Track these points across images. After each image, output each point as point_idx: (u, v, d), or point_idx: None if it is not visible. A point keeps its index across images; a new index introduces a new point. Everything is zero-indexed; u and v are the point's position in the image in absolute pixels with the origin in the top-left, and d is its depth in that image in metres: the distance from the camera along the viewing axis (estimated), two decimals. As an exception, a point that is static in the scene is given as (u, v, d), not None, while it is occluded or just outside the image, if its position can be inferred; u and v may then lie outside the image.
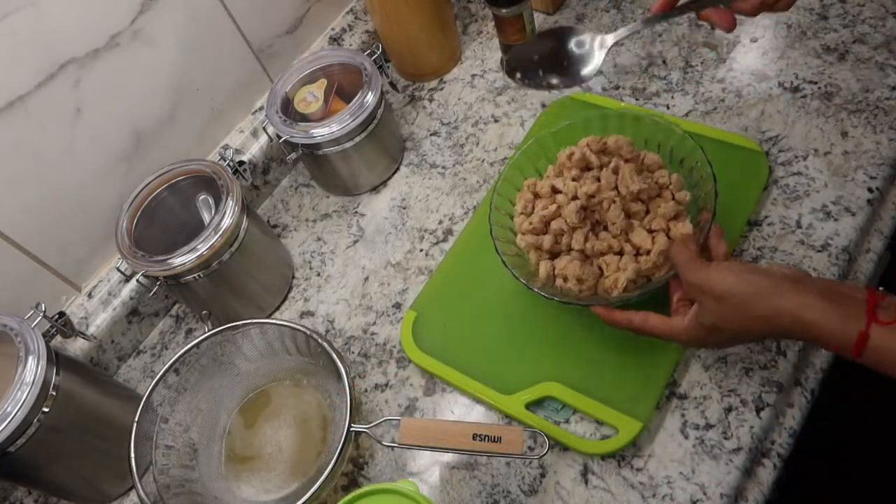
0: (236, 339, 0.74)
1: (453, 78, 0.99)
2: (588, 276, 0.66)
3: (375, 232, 0.88)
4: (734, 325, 0.56)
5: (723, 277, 0.55)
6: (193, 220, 0.80)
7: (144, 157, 0.83)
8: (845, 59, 0.83)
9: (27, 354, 0.64)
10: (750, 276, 0.55)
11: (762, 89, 0.84)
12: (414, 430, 0.63)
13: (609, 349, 0.70)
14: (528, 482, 0.66)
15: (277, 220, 0.93)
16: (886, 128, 0.77)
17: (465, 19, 1.05)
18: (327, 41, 1.00)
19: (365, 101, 0.82)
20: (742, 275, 0.55)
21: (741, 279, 0.55)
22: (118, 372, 0.86)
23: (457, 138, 0.93)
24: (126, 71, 0.77)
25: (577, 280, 0.66)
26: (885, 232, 0.73)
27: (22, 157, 0.72)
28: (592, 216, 0.68)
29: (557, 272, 0.68)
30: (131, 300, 0.84)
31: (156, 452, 0.68)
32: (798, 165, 0.77)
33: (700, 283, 0.57)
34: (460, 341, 0.74)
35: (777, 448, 0.64)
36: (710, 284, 0.56)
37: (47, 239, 0.77)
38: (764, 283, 0.54)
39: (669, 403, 0.67)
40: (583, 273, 0.66)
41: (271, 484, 0.72)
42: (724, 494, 0.62)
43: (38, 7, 0.68)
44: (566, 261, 0.68)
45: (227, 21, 0.86)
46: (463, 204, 0.87)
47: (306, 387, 0.76)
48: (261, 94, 0.95)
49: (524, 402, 0.69)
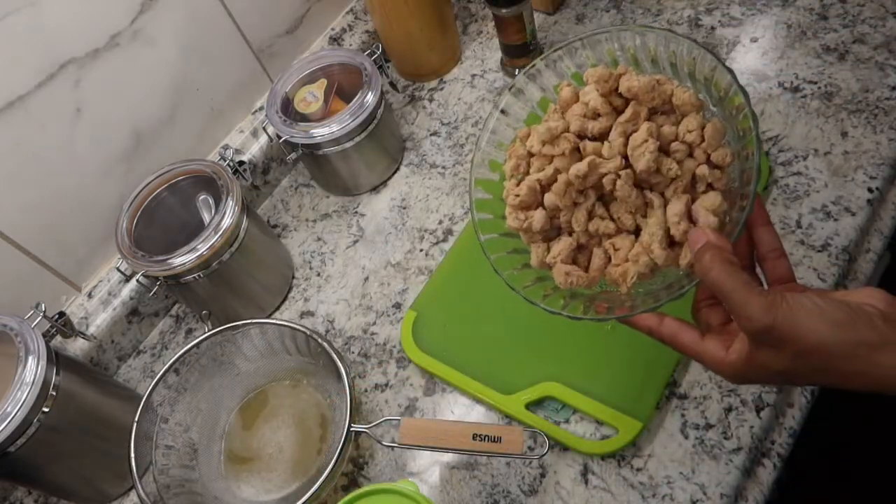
0: (236, 339, 0.74)
1: (453, 78, 0.99)
2: (581, 274, 0.51)
3: (375, 232, 0.88)
4: (810, 378, 0.43)
5: (813, 326, 0.41)
6: (193, 220, 0.80)
7: (144, 157, 0.83)
8: (845, 59, 0.83)
9: (27, 354, 0.64)
10: (848, 322, 0.41)
11: (762, 89, 0.84)
12: (414, 430, 0.63)
13: (609, 349, 0.70)
14: (528, 482, 0.66)
15: (277, 220, 0.93)
16: (886, 128, 0.77)
17: (465, 19, 1.05)
18: (327, 41, 1.00)
19: (365, 101, 0.82)
20: (838, 321, 0.41)
21: (838, 328, 0.41)
22: (118, 372, 0.86)
23: (457, 138, 0.93)
24: (126, 71, 0.77)
25: (565, 274, 0.51)
26: (885, 232, 0.73)
27: (22, 157, 0.72)
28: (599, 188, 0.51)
29: (551, 259, 0.53)
30: (131, 300, 0.84)
31: (156, 452, 0.68)
32: (798, 165, 0.77)
33: (774, 332, 0.41)
34: (460, 341, 0.74)
35: (777, 448, 0.64)
36: (796, 333, 0.41)
37: (47, 239, 0.77)
38: (866, 333, 0.41)
39: (669, 403, 0.67)
40: (576, 263, 0.52)
41: (271, 484, 0.72)
42: (724, 494, 0.62)
43: (38, 7, 0.68)
44: (564, 244, 0.52)
45: (227, 21, 0.86)
46: (463, 204, 0.87)
47: (306, 387, 0.76)
48: (261, 94, 0.95)
49: (524, 402, 0.69)
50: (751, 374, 0.45)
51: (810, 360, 0.42)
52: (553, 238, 0.54)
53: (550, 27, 0.99)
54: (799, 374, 0.43)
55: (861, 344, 0.41)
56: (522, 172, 0.54)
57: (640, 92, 0.49)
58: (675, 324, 0.49)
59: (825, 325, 0.41)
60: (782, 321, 0.41)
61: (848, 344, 0.41)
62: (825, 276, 0.70)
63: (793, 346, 0.42)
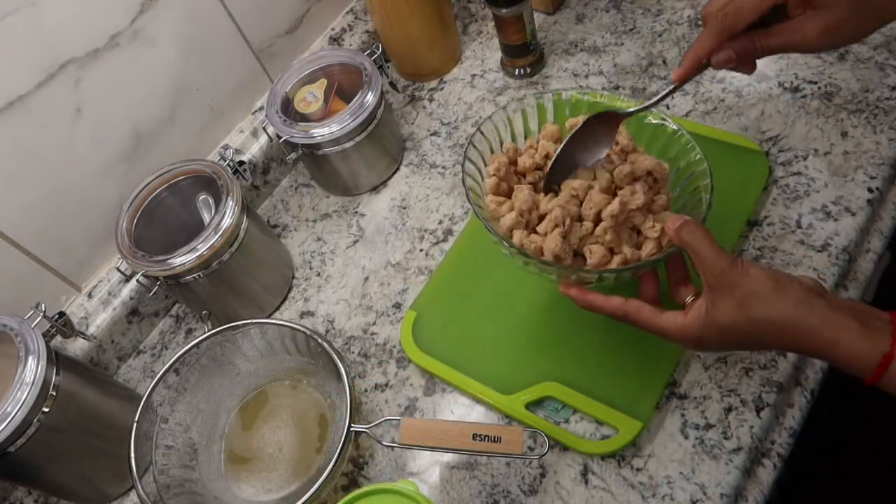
0: (236, 339, 0.74)
1: (453, 78, 0.99)
2: (567, 256, 0.60)
3: (375, 232, 0.88)
4: (751, 328, 0.52)
5: (757, 275, 0.51)
6: (193, 220, 0.80)
7: (144, 157, 0.83)
8: (845, 59, 0.83)
9: (27, 354, 0.64)
10: (785, 280, 0.51)
11: (762, 89, 0.84)
12: (414, 430, 0.63)
13: (609, 349, 0.70)
14: (528, 482, 0.66)
15: (277, 220, 0.93)
16: (886, 128, 0.77)
17: (465, 19, 1.05)
18: (327, 41, 1.00)
19: (365, 101, 0.82)
20: (777, 277, 0.51)
21: (776, 282, 0.51)
22: (118, 372, 0.86)
23: (457, 138, 0.93)
24: (126, 71, 0.77)
25: (556, 258, 0.59)
26: (885, 232, 0.73)
27: (22, 157, 0.72)
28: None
29: (533, 242, 0.61)
30: (131, 300, 0.84)
31: (156, 452, 0.68)
32: (798, 165, 0.77)
33: (730, 275, 0.51)
34: (460, 341, 0.74)
35: (777, 448, 0.64)
36: (742, 280, 0.51)
37: (47, 239, 0.77)
38: (797, 291, 0.50)
39: (669, 403, 0.67)
40: (562, 252, 0.59)
41: (271, 484, 0.72)
42: (724, 494, 0.62)
43: (38, 7, 0.68)
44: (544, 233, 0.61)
45: (227, 21, 0.86)
46: (463, 204, 0.87)
47: (306, 387, 0.76)
48: (261, 94, 0.95)
49: (524, 402, 0.69)
50: (707, 332, 0.53)
51: (752, 305, 0.51)
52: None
53: (550, 27, 0.99)
54: (743, 321, 0.51)
55: (792, 299, 0.50)
56: (501, 175, 0.66)
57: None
58: (636, 302, 0.58)
59: (765, 275, 0.51)
60: (737, 271, 0.51)
61: (783, 297, 0.50)
62: (825, 276, 0.70)
63: (739, 288, 0.51)
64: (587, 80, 0.92)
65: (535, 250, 0.60)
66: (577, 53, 0.95)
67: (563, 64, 0.95)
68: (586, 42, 0.96)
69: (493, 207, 0.64)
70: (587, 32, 0.97)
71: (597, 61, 0.94)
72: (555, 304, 0.74)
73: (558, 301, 0.74)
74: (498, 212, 0.63)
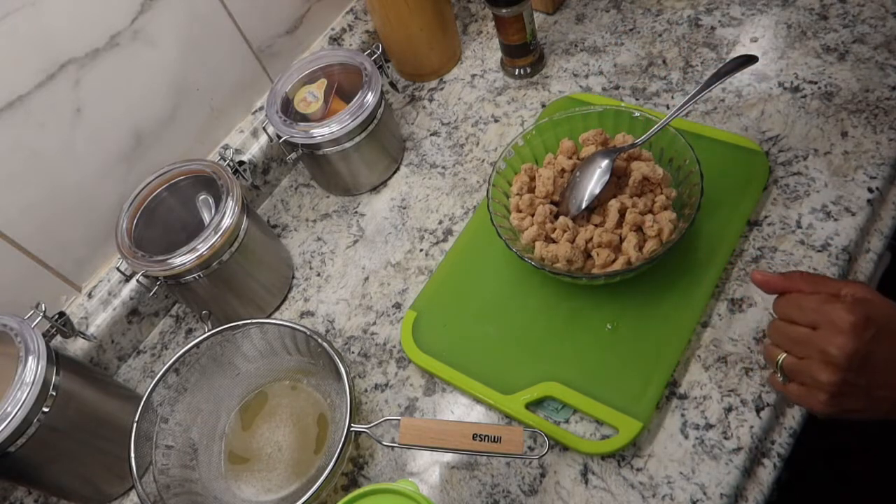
0: (236, 339, 0.74)
1: (453, 78, 0.99)
2: (577, 259, 0.70)
3: (375, 232, 0.88)
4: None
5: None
6: (193, 220, 0.81)
7: (144, 157, 0.83)
8: (845, 59, 0.83)
9: (27, 354, 0.64)
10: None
11: (762, 89, 0.84)
12: (414, 430, 0.63)
13: (609, 349, 0.70)
14: (528, 482, 0.66)
15: (277, 220, 0.93)
16: (886, 128, 0.77)
17: (465, 19, 1.06)
18: (327, 41, 1.00)
19: (365, 101, 0.82)
20: None
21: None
22: (118, 372, 0.86)
23: (457, 138, 0.93)
24: (126, 71, 0.77)
25: (568, 262, 0.70)
26: (885, 232, 0.73)
27: (22, 157, 0.72)
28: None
29: (548, 252, 0.71)
30: (131, 300, 0.84)
31: (156, 452, 0.68)
32: (798, 165, 0.77)
33: (866, 287, 0.56)
34: (460, 341, 0.74)
35: (777, 448, 0.64)
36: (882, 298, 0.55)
37: (47, 239, 0.77)
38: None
39: (669, 403, 0.67)
40: (573, 255, 0.69)
41: (271, 484, 0.72)
42: (724, 494, 0.62)
43: (38, 7, 0.68)
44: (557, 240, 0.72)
45: (227, 21, 0.86)
46: (463, 204, 0.87)
47: (306, 387, 0.76)
48: (261, 94, 0.95)
49: (524, 402, 0.69)
50: (878, 312, 0.54)
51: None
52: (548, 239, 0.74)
53: (550, 27, 0.99)
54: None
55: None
56: (525, 192, 0.76)
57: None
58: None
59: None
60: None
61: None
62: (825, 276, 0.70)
63: (882, 308, 0.54)
64: (587, 80, 0.92)
65: (552, 258, 0.70)
66: (577, 53, 0.95)
67: (563, 64, 0.95)
68: (586, 42, 0.96)
69: (516, 223, 0.74)
70: (587, 32, 0.97)
71: (597, 61, 0.94)
72: (555, 304, 0.74)
73: (558, 301, 0.74)
74: (521, 226, 0.74)
